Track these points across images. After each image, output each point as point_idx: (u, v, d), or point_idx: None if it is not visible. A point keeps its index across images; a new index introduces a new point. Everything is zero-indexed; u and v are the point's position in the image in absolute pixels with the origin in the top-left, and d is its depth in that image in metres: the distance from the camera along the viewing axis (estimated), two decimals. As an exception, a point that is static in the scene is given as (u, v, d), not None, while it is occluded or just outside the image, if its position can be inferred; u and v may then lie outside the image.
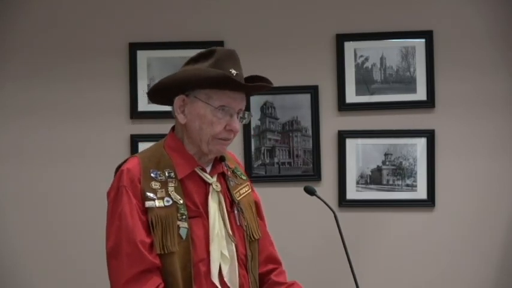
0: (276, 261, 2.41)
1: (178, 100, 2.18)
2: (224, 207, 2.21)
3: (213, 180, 2.22)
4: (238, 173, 2.37)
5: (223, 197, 2.23)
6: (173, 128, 2.28)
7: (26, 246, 3.87)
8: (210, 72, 2.11)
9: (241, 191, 2.32)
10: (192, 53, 2.24)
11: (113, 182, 2.17)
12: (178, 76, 2.17)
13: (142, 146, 3.76)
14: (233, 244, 2.20)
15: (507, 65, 3.74)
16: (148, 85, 3.81)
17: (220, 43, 3.77)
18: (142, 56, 3.84)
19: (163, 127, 3.70)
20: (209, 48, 2.20)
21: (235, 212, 2.26)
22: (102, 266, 2.17)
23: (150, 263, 2.07)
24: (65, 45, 3.87)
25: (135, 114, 3.85)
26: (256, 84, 2.21)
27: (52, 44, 3.87)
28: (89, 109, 3.86)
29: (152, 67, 3.83)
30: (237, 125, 2.18)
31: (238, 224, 2.25)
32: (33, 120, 3.87)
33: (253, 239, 2.29)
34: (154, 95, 2.27)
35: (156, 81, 2.28)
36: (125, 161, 2.20)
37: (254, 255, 2.29)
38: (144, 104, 3.82)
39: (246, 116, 2.23)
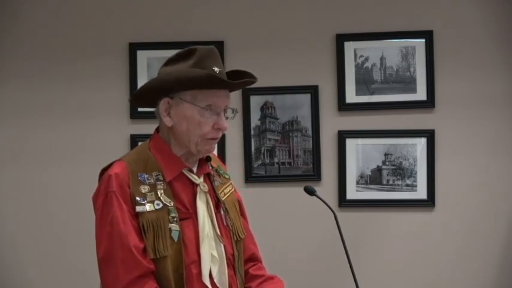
0: (257, 260, 2.41)
1: (163, 103, 2.16)
2: (212, 207, 2.21)
3: (200, 180, 2.21)
4: (221, 171, 2.36)
5: (210, 197, 2.22)
6: (157, 129, 2.26)
7: (26, 246, 3.87)
8: (194, 72, 2.09)
9: (225, 191, 2.32)
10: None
11: (99, 187, 2.14)
12: (162, 79, 2.14)
13: (142, 146, 3.77)
14: (222, 245, 2.20)
15: (507, 65, 3.74)
16: (148, 85, 3.81)
17: (220, 43, 3.77)
18: (142, 56, 3.85)
19: (163, 127, 3.73)
20: (188, 48, 2.18)
21: (222, 212, 2.25)
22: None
23: (145, 268, 2.06)
24: (64, 45, 3.87)
25: (135, 114, 3.85)
26: (241, 81, 2.19)
27: (52, 44, 3.87)
28: (89, 109, 3.87)
29: (152, 67, 3.83)
30: (225, 123, 2.17)
31: (225, 224, 2.25)
32: (33, 120, 3.87)
33: (239, 238, 2.29)
34: (138, 99, 2.26)
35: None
36: (110, 165, 2.18)
37: (240, 254, 2.29)
38: (144, 104, 3.82)
39: (232, 112, 2.22)
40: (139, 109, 3.83)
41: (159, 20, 3.86)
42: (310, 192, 2.50)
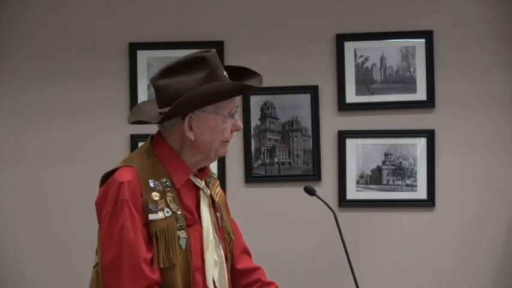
0: (249, 252, 2.39)
1: (187, 120, 2.09)
2: (213, 211, 2.20)
3: (203, 184, 2.19)
4: (210, 171, 2.33)
5: (211, 201, 2.21)
6: (157, 133, 2.19)
7: (26, 246, 3.87)
8: (224, 86, 2.08)
9: (216, 191, 2.29)
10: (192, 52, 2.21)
11: (106, 193, 2.07)
12: (190, 100, 2.06)
13: (142, 146, 3.76)
14: (221, 248, 2.19)
15: (507, 65, 3.74)
16: (148, 85, 3.80)
17: (220, 43, 3.77)
18: (142, 56, 3.84)
19: (163, 127, 3.73)
20: (190, 57, 2.11)
21: (218, 214, 2.23)
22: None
23: (151, 280, 2.02)
24: (64, 45, 3.87)
25: (135, 114, 3.84)
26: (255, 83, 2.17)
27: (52, 44, 3.87)
28: (88, 109, 3.86)
29: (152, 67, 3.83)
30: (241, 123, 2.19)
31: (221, 226, 2.23)
32: (32, 120, 3.87)
33: (230, 239, 2.27)
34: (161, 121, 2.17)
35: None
36: (115, 170, 2.11)
37: (230, 254, 2.28)
38: (144, 104, 3.82)
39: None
40: (139, 109, 3.83)
41: (159, 20, 3.86)
42: (310, 192, 2.50)
